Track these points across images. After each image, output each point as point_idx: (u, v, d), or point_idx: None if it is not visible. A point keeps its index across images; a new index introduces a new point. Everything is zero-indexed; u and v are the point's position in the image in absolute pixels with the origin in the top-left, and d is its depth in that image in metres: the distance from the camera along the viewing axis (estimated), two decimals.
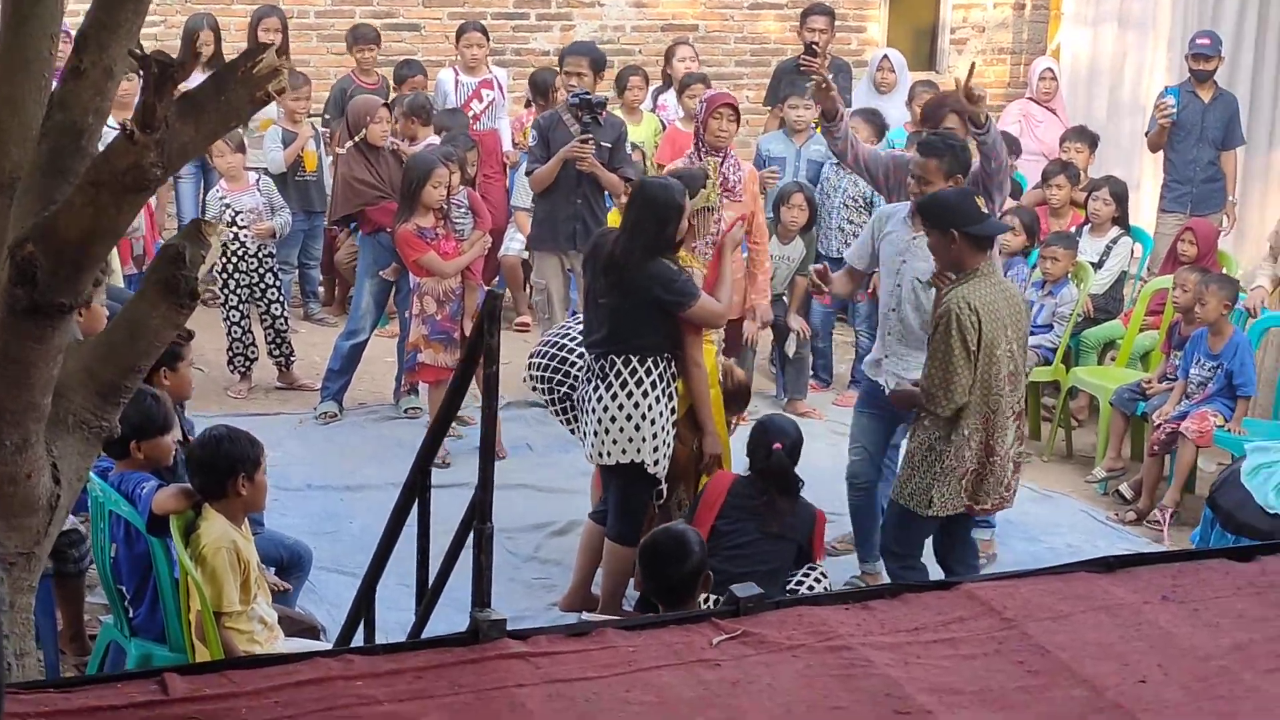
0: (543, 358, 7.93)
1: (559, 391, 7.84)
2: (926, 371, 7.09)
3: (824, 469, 8.58)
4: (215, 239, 4.18)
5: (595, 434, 7.31)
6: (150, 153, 3.82)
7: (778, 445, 7.31)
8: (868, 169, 8.63)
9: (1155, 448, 9.42)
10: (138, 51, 3.86)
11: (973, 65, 8.60)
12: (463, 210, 10.12)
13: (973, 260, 7.05)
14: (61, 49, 4.38)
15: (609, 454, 7.28)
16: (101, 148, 4.03)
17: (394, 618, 6.61)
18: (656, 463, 7.30)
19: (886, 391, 7.81)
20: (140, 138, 3.80)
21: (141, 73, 3.78)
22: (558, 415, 7.97)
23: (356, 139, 10.42)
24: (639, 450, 7.24)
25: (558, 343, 7.95)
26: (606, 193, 10.25)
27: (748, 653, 3.83)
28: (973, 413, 7.00)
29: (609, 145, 10.24)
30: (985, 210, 7.17)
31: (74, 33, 4.32)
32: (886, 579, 7.90)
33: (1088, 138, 12.32)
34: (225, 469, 5.87)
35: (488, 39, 12.73)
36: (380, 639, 6.09)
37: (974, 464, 7.06)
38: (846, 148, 8.60)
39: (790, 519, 7.28)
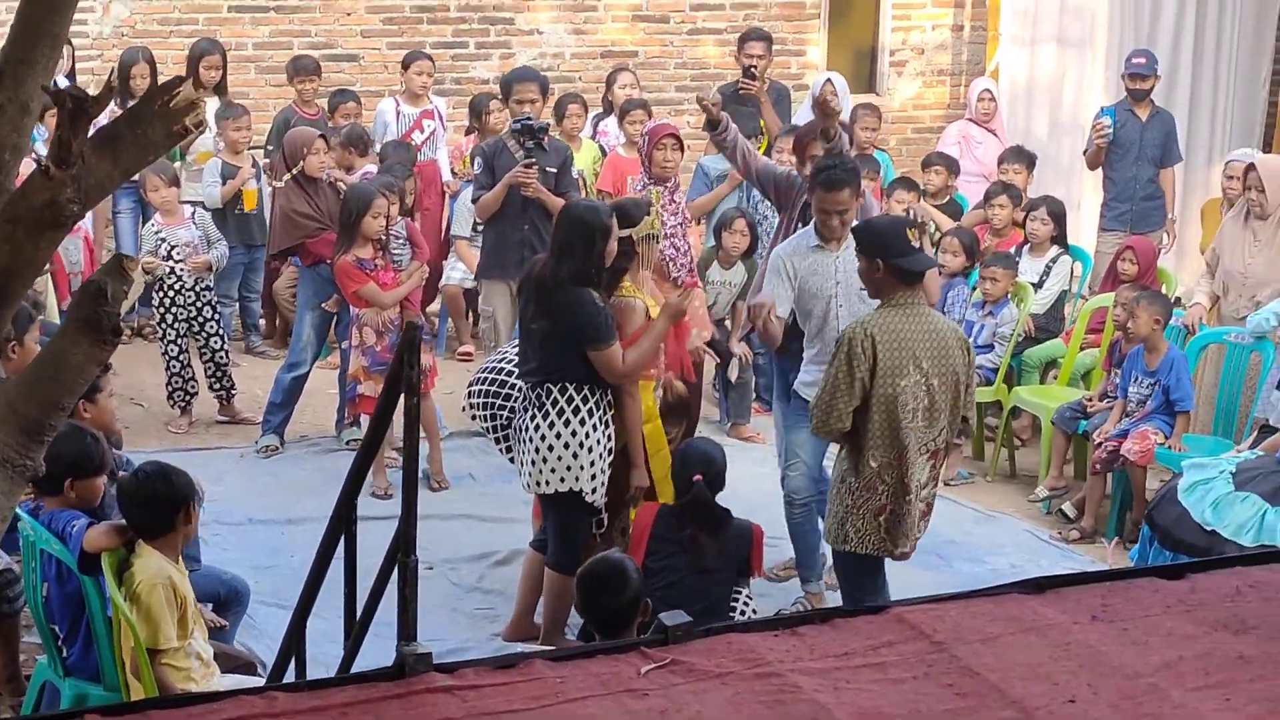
0: (482, 384, 7.90)
1: (500, 418, 7.80)
2: (816, 393, 7.10)
3: (769, 492, 8.55)
4: (138, 274, 4.16)
5: (533, 463, 7.28)
6: (67, 188, 3.80)
7: (698, 477, 7.24)
8: (759, 180, 8.71)
9: (1097, 466, 9.45)
10: (53, 86, 3.84)
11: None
12: (401, 241, 10.11)
13: (892, 291, 6.99)
14: None
15: (547, 483, 7.26)
16: None
17: (334, 651, 6.57)
18: (595, 491, 7.28)
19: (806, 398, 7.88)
20: (56, 173, 3.78)
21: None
22: (498, 444, 7.94)
23: (294, 171, 10.39)
24: (577, 479, 7.22)
25: (496, 368, 7.92)
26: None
27: (676, 681, 3.80)
28: (879, 445, 6.91)
29: (554, 170, 10.23)
30: (914, 242, 7.15)
31: None
32: (828, 601, 7.92)
33: (1025, 158, 12.39)
34: (165, 506, 5.83)
35: (434, 67, 12.75)
36: (319, 673, 6.05)
37: (890, 502, 6.97)
38: (738, 156, 8.67)
39: (721, 548, 7.21)
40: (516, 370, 7.68)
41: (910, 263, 7.03)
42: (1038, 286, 11.12)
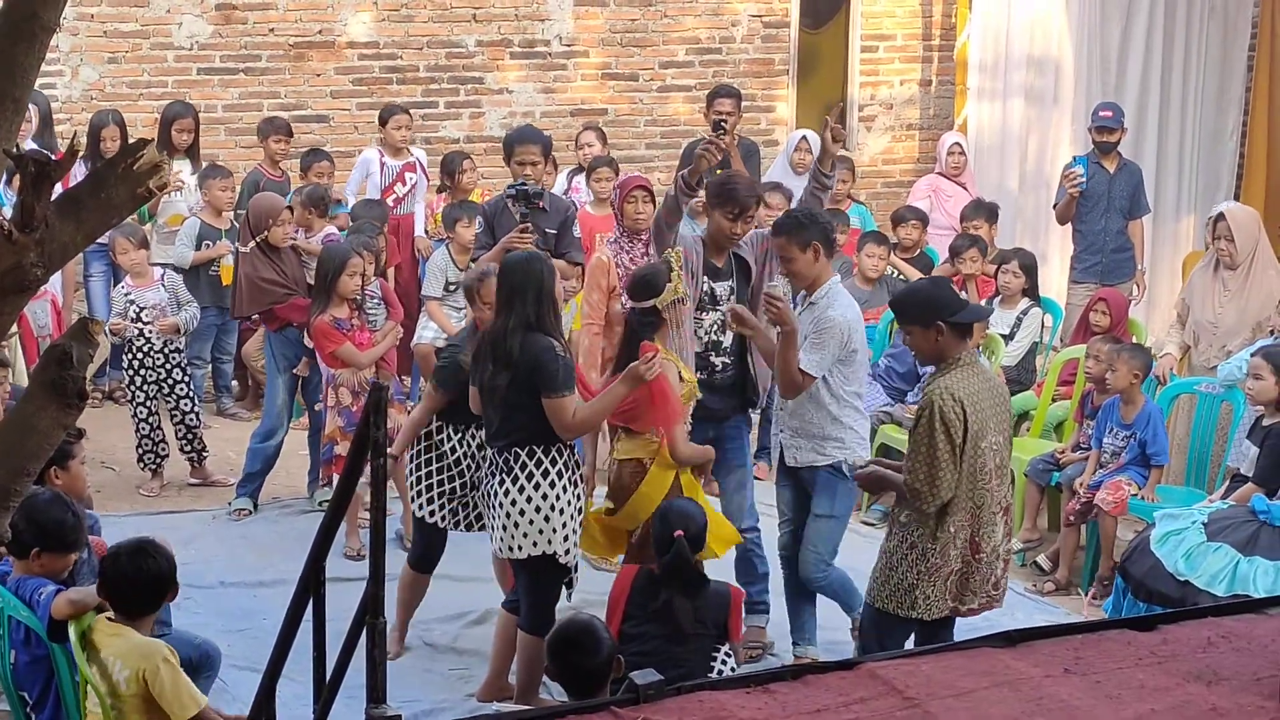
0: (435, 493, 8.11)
1: (461, 514, 7.99)
2: (909, 466, 6.76)
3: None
4: (106, 337, 4.14)
5: (504, 528, 7.24)
6: (30, 252, 3.79)
7: (679, 533, 6.98)
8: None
9: (1071, 517, 9.45)
10: (15, 151, 3.83)
11: (826, 120, 8.62)
12: (375, 301, 10.08)
13: (955, 349, 6.78)
14: None
15: (520, 547, 7.22)
16: None
17: (305, 714, 6.52)
18: (568, 552, 7.25)
19: (789, 464, 7.91)
20: (19, 238, 3.78)
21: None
22: (469, 529, 8.02)
23: (258, 239, 10.33)
24: (549, 541, 7.18)
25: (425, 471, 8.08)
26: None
27: None
28: (959, 509, 6.69)
29: (554, 231, 10.17)
30: (961, 295, 6.94)
31: None
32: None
33: (986, 211, 12.45)
34: (152, 588, 5.79)
35: (411, 120, 12.78)
36: None
37: (959, 563, 6.76)
38: (678, 220, 8.48)
39: (698, 613, 7.00)
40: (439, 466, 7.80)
41: (970, 315, 6.93)
42: (1008, 339, 11.15)
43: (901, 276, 12.03)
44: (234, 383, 12.68)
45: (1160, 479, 9.37)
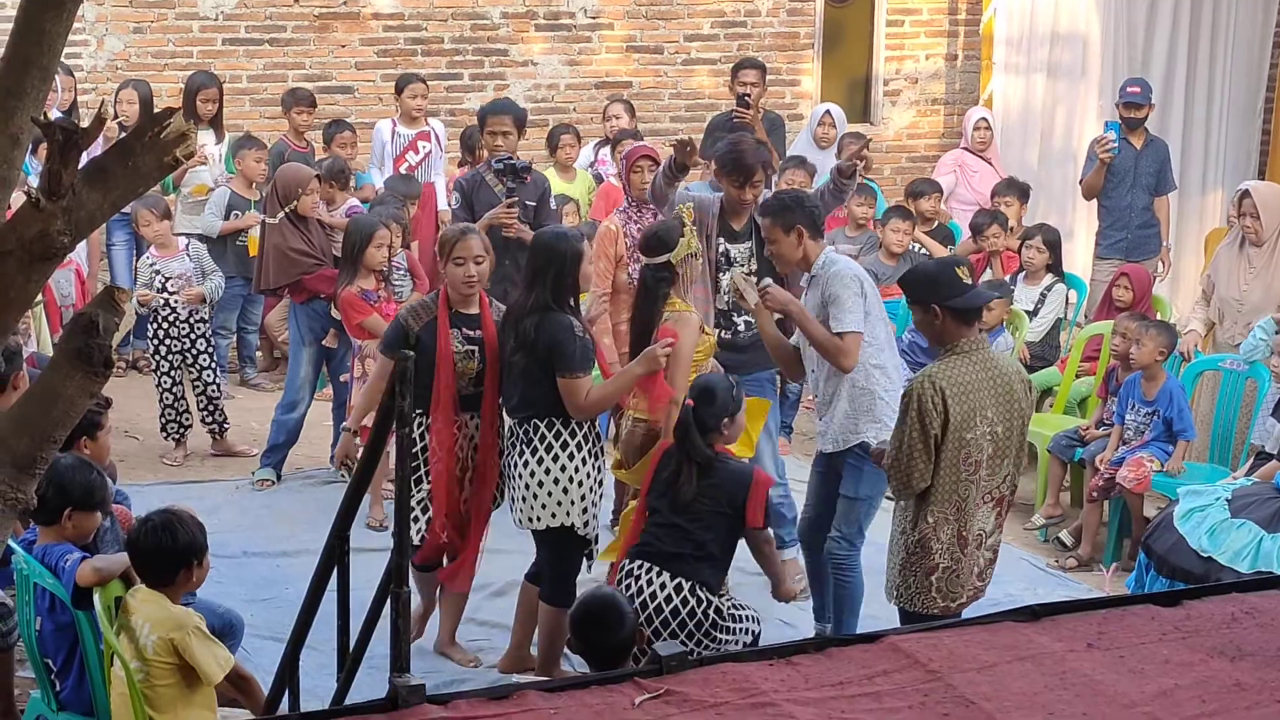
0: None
1: None
2: (888, 452, 6.71)
3: None
4: (131, 306, 4.15)
5: (523, 499, 7.26)
6: (57, 220, 3.79)
7: (689, 402, 6.98)
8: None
9: (1094, 494, 9.44)
10: (42, 119, 3.83)
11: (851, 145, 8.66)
12: (401, 272, 10.09)
13: (956, 334, 6.64)
14: None
15: (538, 519, 7.24)
16: None
17: (328, 684, 6.54)
18: (586, 524, 7.26)
19: (820, 449, 7.84)
20: (46, 205, 3.78)
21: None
22: None
23: (286, 210, 10.34)
24: (568, 514, 7.20)
25: None
26: None
27: (671, 712, 3.79)
28: (939, 500, 6.58)
29: (533, 204, 10.14)
30: (967, 280, 6.73)
31: None
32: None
33: (1018, 189, 12.43)
34: (177, 558, 5.81)
35: (427, 88, 12.77)
36: (313, 705, 6.03)
37: (945, 559, 6.63)
38: (670, 199, 8.52)
39: (706, 490, 6.89)
40: None
41: (968, 301, 6.68)
42: (1032, 314, 11.12)
43: (925, 251, 12.01)
44: (258, 353, 12.70)
45: (1186, 452, 9.35)
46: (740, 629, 6.96)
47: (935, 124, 15.55)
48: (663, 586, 6.84)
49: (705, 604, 6.85)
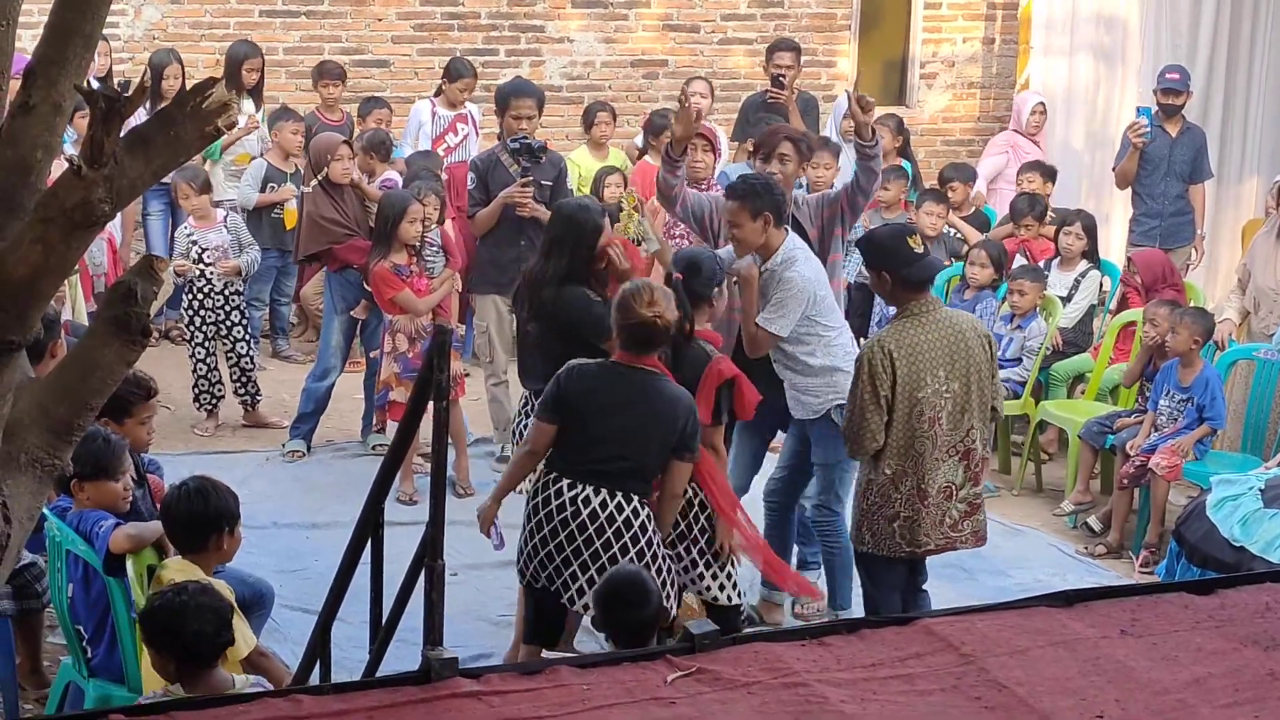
0: None
1: None
2: (844, 414, 7.14)
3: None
4: (168, 276, 4.16)
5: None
6: (98, 188, 3.79)
7: (678, 275, 6.99)
8: (693, 215, 8.43)
9: (1124, 480, 9.41)
10: (85, 86, 3.83)
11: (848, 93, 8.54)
12: (435, 249, 10.10)
13: (905, 298, 7.01)
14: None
15: None
16: None
17: (358, 656, 6.56)
18: None
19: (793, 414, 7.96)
20: (88, 173, 3.77)
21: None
22: None
23: (319, 177, 10.36)
24: None
25: None
26: None
27: (703, 690, 3.79)
28: (894, 455, 6.95)
29: (549, 184, 10.11)
30: (918, 250, 7.02)
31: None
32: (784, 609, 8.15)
33: (1043, 170, 12.38)
34: (209, 524, 5.82)
35: (476, 83, 12.75)
36: (343, 678, 6.03)
37: (905, 509, 7.01)
38: (677, 193, 8.38)
39: (676, 364, 6.75)
40: None
41: (914, 272, 7.00)
42: (1066, 300, 11.08)
43: (959, 235, 11.98)
44: (292, 323, 12.74)
45: (1206, 437, 9.30)
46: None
47: (971, 108, 15.49)
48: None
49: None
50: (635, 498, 6.54)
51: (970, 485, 7.13)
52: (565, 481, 6.56)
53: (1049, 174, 12.43)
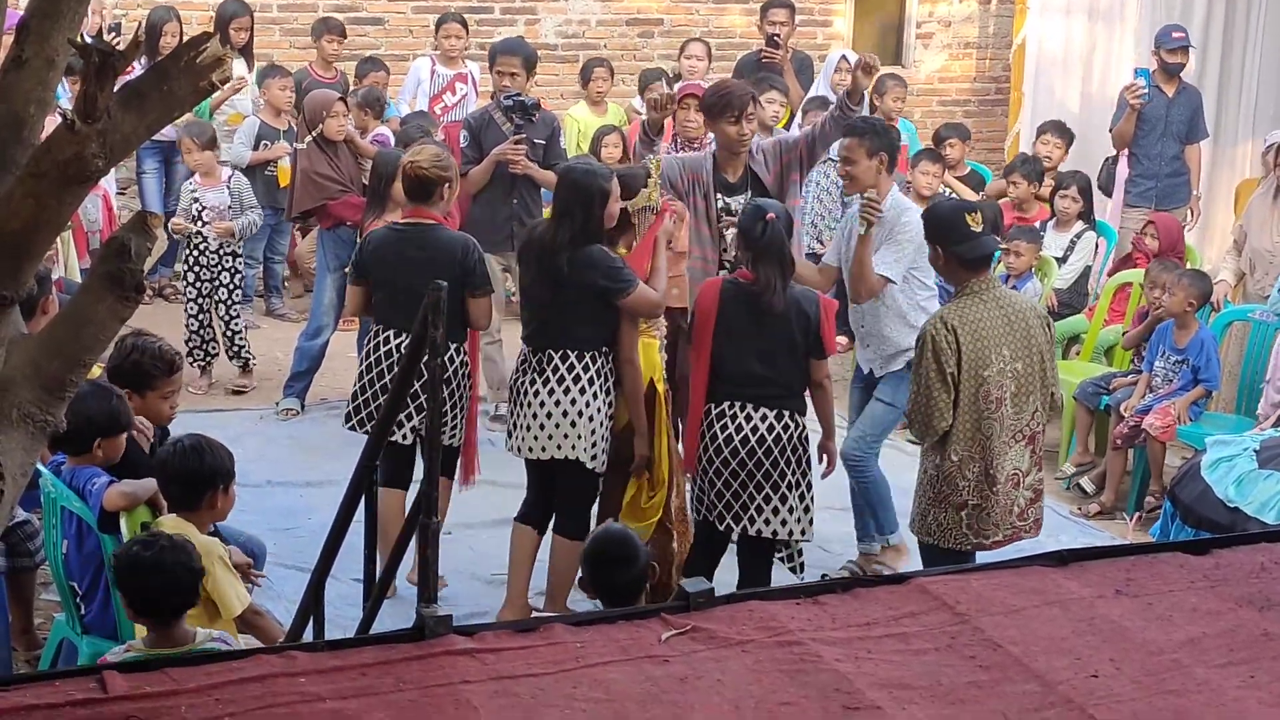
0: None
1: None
2: (909, 396, 6.96)
3: None
4: (162, 233, 4.14)
5: (528, 428, 7.26)
6: (92, 143, 3.76)
7: (771, 215, 7.00)
8: (669, 182, 8.22)
9: (1118, 441, 9.41)
10: (79, 41, 3.81)
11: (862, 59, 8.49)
12: None
13: (962, 276, 6.91)
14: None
15: (544, 449, 7.24)
16: None
17: (351, 614, 6.56)
18: (594, 459, 7.24)
19: (863, 368, 8.13)
20: (82, 128, 3.75)
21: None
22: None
23: (313, 134, 10.34)
24: (574, 447, 7.20)
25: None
26: (543, 190, 9.95)
27: (697, 648, 3.79)
28: (961, 439, 6.77)
29: (543, 142, 10.08)
30: (976, 228, 6.91)
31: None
32: (881, 559, 8.12)
33: (1061, 131, 12.32)
34: (204, 481, 5.81)
35: (467, 31, 12.69)
36: (337, 635, 6.03)
37: (973, 497, 6.82)
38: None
39: (787, 303, 6.98)
40: None
41: (968, 250, 6.89)
42: (1062, 261, 11.07)
43: (953, 195, 11.96)
44: (285, 283, 12.72)
45: (1201, 399, 9.30)
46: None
47: (967, 68, 15.46)
48: (763, 419, 6.97)
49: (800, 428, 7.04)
50: (452, 344, 7.45)
51: (1035, 471, 7.00)
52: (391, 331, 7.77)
53: (1065, 134, 12.36)
